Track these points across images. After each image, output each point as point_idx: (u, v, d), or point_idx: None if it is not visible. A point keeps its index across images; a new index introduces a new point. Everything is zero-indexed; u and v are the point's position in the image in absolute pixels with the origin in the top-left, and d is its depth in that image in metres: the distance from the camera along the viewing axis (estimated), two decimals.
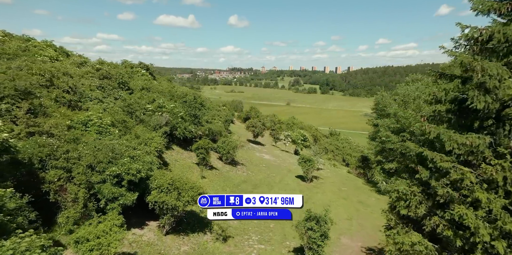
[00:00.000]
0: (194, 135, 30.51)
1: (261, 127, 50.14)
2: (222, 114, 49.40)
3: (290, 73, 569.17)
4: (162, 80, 51.94)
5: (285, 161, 42.48)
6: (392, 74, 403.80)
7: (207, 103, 53.02)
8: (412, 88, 30.10)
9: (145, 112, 28.65)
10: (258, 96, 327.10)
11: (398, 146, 28.09)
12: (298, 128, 69.75)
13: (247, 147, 44.81)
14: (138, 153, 16.44)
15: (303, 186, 31.66)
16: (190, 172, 26.67)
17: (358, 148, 68.29)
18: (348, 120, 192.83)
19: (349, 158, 60.15)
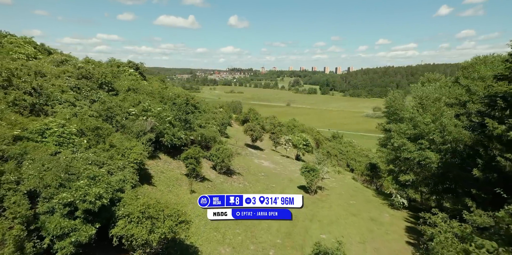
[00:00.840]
0: (184, 141, 27.02)
1: (260, 131, 46.67)
2: (218, 117, 45.94)
3: (290, 73, 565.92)
4: (154, 81, 48.48)
5: (286, 169, 39.00)
6: (393, 74, 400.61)
7: (202, 105, 49.59)
8: (430, 89, 26.63)
9: (127, 117, 25.19)
10: (257, 97, 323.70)
11: (416, 155, 24.61)
12: (299, 130, 66.26)
13: (245, 152, 41.33)
14: (102, 171, 12.95)
15: (307, 199, 28.12)
16: (177, 185, 23.17)
17: (362, 152, 64.82)
18: (350, 121, 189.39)
19: (354, 163, 56.67)
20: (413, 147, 25.00)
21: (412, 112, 25.73)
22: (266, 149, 50.25)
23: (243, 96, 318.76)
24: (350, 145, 68.78)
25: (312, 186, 29.18)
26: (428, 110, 25.21)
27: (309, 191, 29.38)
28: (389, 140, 29.67)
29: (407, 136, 26.09)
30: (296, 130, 65.91)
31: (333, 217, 24.52)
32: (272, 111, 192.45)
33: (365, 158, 60.45)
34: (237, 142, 46.14)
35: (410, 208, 28.04)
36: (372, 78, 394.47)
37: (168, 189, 22.02)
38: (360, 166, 55.40)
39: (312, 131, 69.87)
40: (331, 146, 61.26)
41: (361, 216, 25.34)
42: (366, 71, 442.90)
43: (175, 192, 22.06)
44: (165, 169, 24.77)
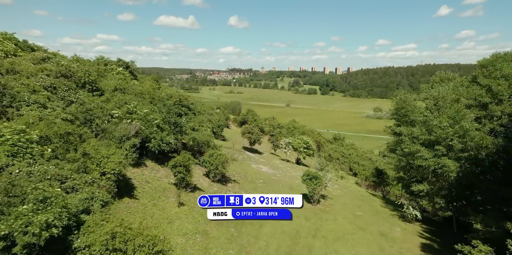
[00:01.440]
0: (173, 147, 24.41)
1: (258, 133, 44.10)
2: (214, 119, 43.35)
3: (290, 74, 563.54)
4: (147, 80, 45.89)
5: (286, 174, 36.42)
6: (393, 75, 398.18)
7: (198, 106, 47.03)
8: (445, 89, 24.06)
9: (109, 120, 22.62)
10: (257, 97, 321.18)
11: (431, 163, 22.03)
12: (299, 132, 63.70)
13: (242, 157, 38.74)
14: (57, 191, 10.35)
15: (308, 210, 25.59)
16: (164, 197, 20.58)
17: (365, 155, 62.26)
18: (350, 122, 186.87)
19: (357, 166, 54.10)
20: (428, 153, 22.42)
21: (425, 115, 23.16)
22: (265, 152, 47.68)
23: (243, 97, 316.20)
24: (353, 148, 66.24)
25: (315, 196, 26.61)
26: (444, 113, 22.63)
27: (311, 201, 26.80)
28: (399, 145, 27.12)
29: (420, 141, 23.51)
30: (296, 132, 63.35)
31: (339, 232, 21.92)
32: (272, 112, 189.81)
33: (368, 161, 57.90)
34: (234, 145, 43.58)
35: (423, 220, 25.45)
36: (372, 78, 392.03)
37: (152, 201, 19.42)
38: (364, 169, 52.86)
39: (313, 133, 67.33)
40: (333, 148, 58.71)
41: (370, 230, 22.73)
42: (366, 71, 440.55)
43: (160, 205, 19.46)
44: (152, 178, 22.16)
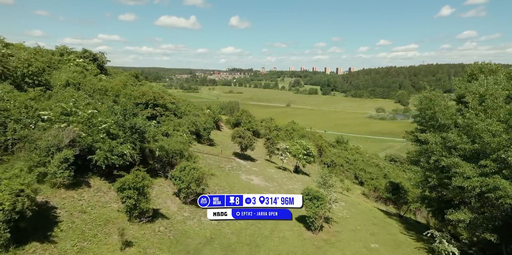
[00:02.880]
0: (129, 159, 18.35)
1: (250, 138, 38.08)
2: (200, 121, 37.34)
3: (291, 74, 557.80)
4: (123, 75, 39.92)
5: (282, 187, 30.41)
6: (395, 74, 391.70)
7: (182, 106, 41.05)
8: (490, 83, 17.99)
9: (36, 124, 16.63)
10: (257, 97, 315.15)
11: (476, 184, 15.96)
12: (298, 135, 57.65)
13: (230, 166, 32.72)
14: None
15: (309, 240, 19.57)
16: (104, 233, 14.55)
17: (372, 161, 56.16)
18: (352, 122, 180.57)
19: (363, 174, 48.03)
20: (471, 170, 16.35)
21: (468, 117, 17.08)
22: (259, 159, 41.64)
23: (242, 97, 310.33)
24: (358, 152, 60.18)
25: (316, 221, 20.58)
26: (494, 114, 16.56)
27: (311, 228, 20.78)
28: (424, 156, 21.07)
29: (459, 152, 17.45)
30: (295, 135, 57.31)
31: None
32: (271, 112, 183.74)
33: (375, 168, 51.85)
34: (222, 151, 37.58)
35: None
36: (374, 78, 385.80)
37: (82, 243, 13.39)
38: (372, 178, 46.81)
39: (314, 136, 61.23)
40: (336, 153, 52.64)
41: None
42: (368, 71, 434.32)
43: (93, 248, 13.44)
44: (92, 205, 16.11)
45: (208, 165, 29.75)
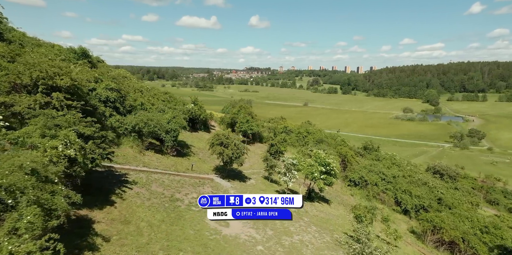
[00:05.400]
0: None
1: (238, 147, 24.61)
2: (162, 119, 24.29)
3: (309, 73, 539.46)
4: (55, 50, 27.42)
5: (281, 243, 16.78)
6: (422, 73, 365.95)
7: (141, 97, 28.28)
8: None
9: None
10: (273, 96, 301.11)
11: None
12: (314, 140, 43.49)
13: (193, 196, 19.41)
14: None
15: None
16: None
17: (416, 175, 41.14)
18: (376, 123, 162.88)
19: (408, 198, 33.43)
20: None
21: None
22: (254, 177, 28.16)
23: (257, 95, 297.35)
24: (394, 162, 45.28)
25: None
26: None
27: None
28: None
29: None
30: (310, 139, 43.30)
31: None
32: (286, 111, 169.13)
33: (425, 188, 37.04)
34: (193, 166, 24.46)
35: None
36: (399, 77, 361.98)
37: None
38: (426, 209, 32.34)
39: (335, 141, 46.90)
40: (366, 166, 38.17)
41: None
42: (392, 69, 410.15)
43: None
44: None
45: (147, 197, 16.73)
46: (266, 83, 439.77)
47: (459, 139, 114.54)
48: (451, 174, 49.90)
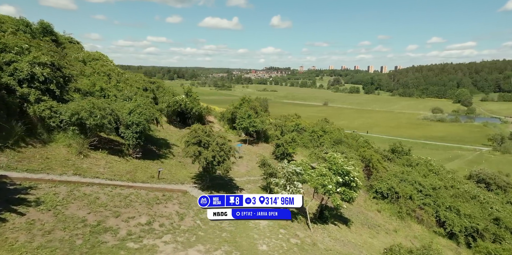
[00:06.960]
0: None
1: (222, 147, 17.86)
2: (122, 109, 18.15)
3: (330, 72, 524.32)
4: None
5: None
6: (452, 72, 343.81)
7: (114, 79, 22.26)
8: None
9: None
10: (292, 96, 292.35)
11: None
12: (331, 140, 35.98)
13: (145, 221, 12.82)
14: None
15: None
16: None
17: (461, 186, 32.67)
18: (403, 124, 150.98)
19: (454, 217, 25.35)
20: None
21: None
22: (249, 186, 21.37)
23: (276, 95, 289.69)
24: (430, 169, 36.88)
25: None
26: None
27: None
28: None
29: None
30: (326, 139, 35.87)
31: None
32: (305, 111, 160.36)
33: (475, 203, 28.71)
34: (159, 175, 17.99)
35: None
36: (426, 76, 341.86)
37: None
38: (480, 233, 24.24)
39: (357, 142, 39.15)
40: (397, 174, 30.25)
41: None
42: (419, 68, 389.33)
43: None
44: None
45: (46, 228, 10.22)
46: (286, 83, 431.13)
47: (499, 142, 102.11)
48: (500, 184, 40.77)
